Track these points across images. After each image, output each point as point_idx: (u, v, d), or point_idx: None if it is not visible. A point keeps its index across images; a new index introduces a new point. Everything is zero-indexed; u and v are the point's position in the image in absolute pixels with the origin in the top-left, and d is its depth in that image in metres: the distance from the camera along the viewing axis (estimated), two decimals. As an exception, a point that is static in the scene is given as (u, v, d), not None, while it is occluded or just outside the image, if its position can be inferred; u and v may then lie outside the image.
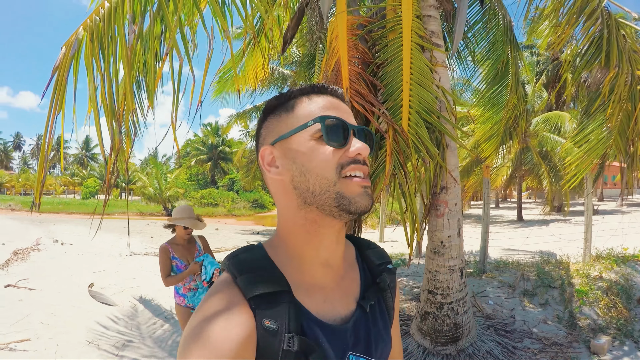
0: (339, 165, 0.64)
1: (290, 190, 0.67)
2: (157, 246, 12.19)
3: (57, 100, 2.17)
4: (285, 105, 0.70)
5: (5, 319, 4.80)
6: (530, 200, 36.48)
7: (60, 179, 57.00)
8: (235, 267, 0.65)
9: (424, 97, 2.76)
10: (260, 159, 0.70)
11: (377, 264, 0.80)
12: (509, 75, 4.73)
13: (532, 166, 15.30)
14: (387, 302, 0.80)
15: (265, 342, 0.59)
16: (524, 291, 4.58)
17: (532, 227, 12.60)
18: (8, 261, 8.48)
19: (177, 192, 28.74)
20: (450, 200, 3.13)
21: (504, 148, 6.30)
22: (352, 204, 0.63)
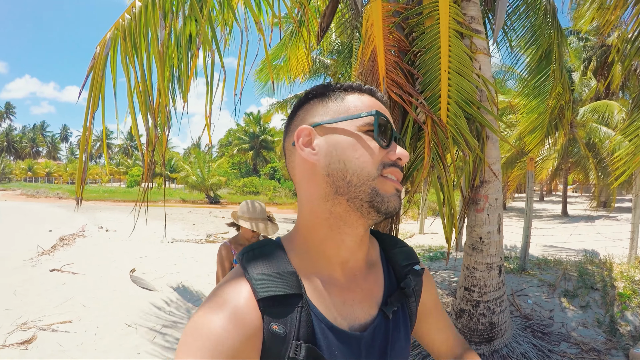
0: (381, 164, 0.63)
1: (320, 177, 0.64)
2: (199, 233, 12.67)
3: (93, 98, 2.24)
4: (333, 93, 0.68)
5: (49, 302, 5.10)
6: (576, 194, 34.78)
7: (106, 168, 59.89)
8: (248, 263, 0.63)
9: (464, 87, 2.63)
10: (295, 137, 0.66)
11: (402, 265, 0.76)
12: (554, 63, 4.46)
13: (578, 158, 14.50)
14: (410, 308, 0.75)
15: (271, 347, 0.57)
16: (564, 291, 4.36)
17: (577, 223, 12.00)
18: (54, 247, 9.02)
19: (220, 181, 29.32)
20: (491, 195, 2.99)
21: (549, 140, 5.98)
22: (384, 202, 0.62)
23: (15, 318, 4.47)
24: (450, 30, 2.64)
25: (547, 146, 10.32)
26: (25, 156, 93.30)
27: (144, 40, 2.23)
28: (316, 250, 0.66)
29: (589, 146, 14.01)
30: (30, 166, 68.01)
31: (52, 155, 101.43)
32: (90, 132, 2.15)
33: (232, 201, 29.24)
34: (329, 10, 3.54)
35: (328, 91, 0.69)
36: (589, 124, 13.46)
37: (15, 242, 9.48)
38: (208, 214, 19.26)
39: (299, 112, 0.70)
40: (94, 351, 3.74)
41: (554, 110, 4.87)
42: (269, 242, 0.68)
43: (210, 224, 14.98)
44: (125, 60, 2.20)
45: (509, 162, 13.78)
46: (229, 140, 49.14)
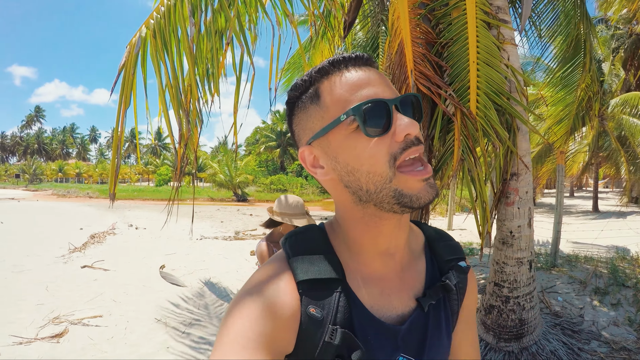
0: (391, 157, 0.55)
1: (341, 189, 0.61)
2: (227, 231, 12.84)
3: (125, 96, 2.29)
4: (308, 94, 0.60)
5: (80, 297, 5.28)
6: (607, 189, 33.59)
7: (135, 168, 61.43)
8: (291, 246, 0.63)
9: (493, 78, 2.57)
10: (301, 162, 0.63)
11: (446, 259, 0.71)
12: (582, 53, 4.31)
13: (609, 152, 13.97)
14: (452, 304, 0.71)
15: (307, 330, 0.56)
16: (595, 289, 4.23)
17: (608, 219, 11.59)
18: (85, 244, 9.32)
19: (247, 179, 29.71)
20: (521, 188, 2.92)
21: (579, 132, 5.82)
22: (415, 200, 0.55)
23: (47, 313, 4.65)
24: (477, 21, 2.59)
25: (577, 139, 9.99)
26: (56, 157, 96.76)
27: (174, 37, 2.28)
28: (355, 243, 0.64)
29: (620, 139, 13.49)
30: (60, 167, 70.51)
31: (81, 156, 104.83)
32: (122, 130, 2.21)
33: (260, 199, 29.59)
34: (354, 4, 3.52)
35: (302, 94, 0.61)
36: (620, 116, 12.95)
37: (47, 240, 9.84)
38: (236, 212, 19.54)
39: (293, 127, 0.64)
40: (124, 345, 3.85)
41: (582, 101, 4.71)
42: (313, 227, 0.67)
43: (238, 222, 15.19)
44: (155, 58, 2.25)
45: (539, 156, 13.42)
46: (256, 139, 49.63)
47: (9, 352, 3.64)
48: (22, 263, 7.20)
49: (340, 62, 0.58)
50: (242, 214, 18.25)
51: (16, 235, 10.61)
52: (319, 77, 0.59)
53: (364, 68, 0.59)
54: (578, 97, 4.66)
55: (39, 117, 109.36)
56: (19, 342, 3.82)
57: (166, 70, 2.21)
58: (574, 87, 4.70)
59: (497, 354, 3.07)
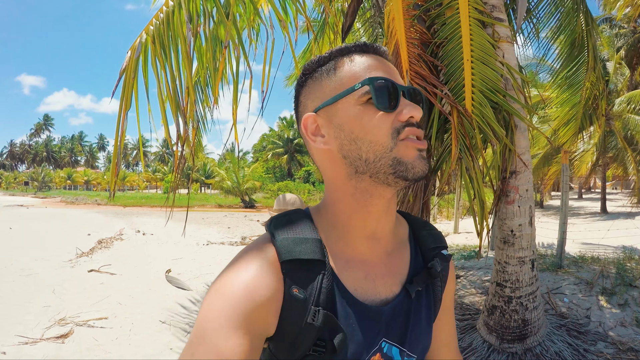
0: (395, 130, 0.59)
1: (338, 160, 0.62)
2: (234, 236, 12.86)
3: (125, 99, 2.34)
4: (325, 67, 0.64)
5: (86, 299, 5.34)
6: (616, 190, 33.17)
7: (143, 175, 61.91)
8: (275, 227, 0.63)
9: (488, 75, 2.58)
10: (303, 129, 0.65)
11: (430, 248, 0.73)
12: (585, 52, 4.29)
13: (617, 152, 13.81)
14: (436, 291, 0.73)
15: (289, 310, 0.57)
16: (602, 289, 4.18)
17: (616, 219, 11.45)
18: (93, 249, 9.41)
19: (254, 185, 29.84)
20: (521, 186, 2.91)
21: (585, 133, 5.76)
22: (409, 169, 0.58)
23: (53, 314, 4.70)
24: (470, 19, 2.60)
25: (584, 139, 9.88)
26: (65, 165, 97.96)
27: (172, 43, 2.32)
28: (342, 224, 0.65)
29: (627, 139, 13.34)
30: (69, 174, 71.34)
31: (90, 164, 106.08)
32: (123, 131, 2.25)
33: (267, 205, 29.57)
34: (352, 8, 3.54)
35: (319, 66, 0.64)
36: (626, 115, 12.81)
37: (55, 245, 9.95)
38: (243, 218, 19.62)
39: (300, 98, 0.67)
40: (128, 346, 3.88)
41: (588, 101, 4.68)
42: (298, 211, 0.68)
43: (245, 227, 15.25)
44: (155, 62, 2.29)
45: (545, 158, 13.29)
46: (263, 145, 49.77)
47: (14, 351, 3.69)
48: (30, 267, 7.29)
49: (361, 47, 0.63)
50: (249, 220, 18.32)
51: (25, 240, 10.74)
52: (339, 55, 0.63)
53: (380, 57, 0.64)
54: (584, 96, 4.62)
55: (47, 126, 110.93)
56: (25, 342, 3.88)
57: (164, 74, 2.25)
58: (579, 87, 4.66)
59: (500, 355, 3.04)
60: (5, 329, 4.22)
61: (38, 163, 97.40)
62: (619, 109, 12.84)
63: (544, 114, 10.42)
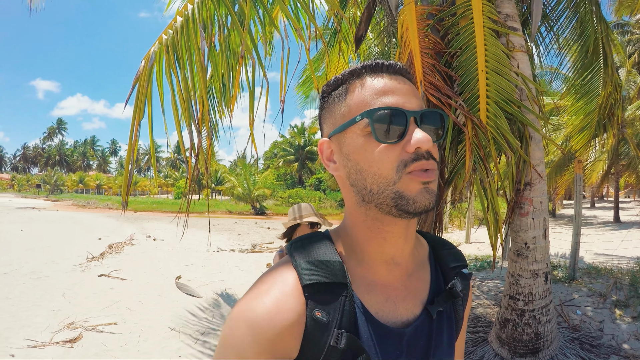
0: (401, 163, 0.57)
1: (348, 187, 0.63)
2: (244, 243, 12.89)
3: (139, 108, 2.35)
4: (337, 92, 0.63)
5: (96, 304, 5.37)
6: (629, 199, 32.63)
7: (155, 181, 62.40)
8: (296, 250, 0.63)
9: (502, 86, 2.55)
10: (319, 153, 0.66)
11: (451, 267, 0.73)
12: (601, 59, 4.23)
13: (629, 160, 13.58)
14: (457, 311, 0.72)
15: (312, 334, 0.56)
16: (615, 301, 4.09)
17: (629, 229, 11.24)
18: (103, 254, 9.49)
19: (265, 192, 29.99)
20: (535, 198, 2.87)
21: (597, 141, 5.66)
22: (411, 204, 0.56)
23: (62, 318, 4.74)
24: (485, 29, 2.58)
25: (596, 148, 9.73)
26: (77, 169, 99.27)
27: (186, 52, 2.34)
28: (360, 249, 0.65)
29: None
30: (81, 178, 72.17)
31: (102, 168, 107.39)
32: (136, 140, 2.27)
33: (278, 212, 29.68)
34: (365, 17, 3.55)
35: (333, 90, 0.64)
36: (638, 123, 12.60)
37: (66, 249, 10.05)
38: (254, 225, 19.68)
39: (321, 121, 0.68)
40: (137, 352, 3.88)
41: (603, 109, 4.61)
42: (317, 233, 0.68)
43: (256, 234, 15.29)
44: (169, 72, 2.31)
45: (558, 167, 13.11)
46: (274, 153, 49.84)
47: (23, 354, 3.72)
48: (41, 270, 7.37)
49: (373, 67, 0.61)
50: (259, 227, 18.36)
51: (36, 243, 10.87)
52: (350, 78, 0.62)
53: (395, 77, 0.61)
54: (599, 104, 4.56)
55: (60, 130, 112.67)
56: (34, 346, 3.91)
57: (178, 84, 2.27)
58: (594, 95, 4.60)
59: (512, 369, 2.99)
60: (15, 332, 4.27)
61: (51, 166, 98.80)
62: (631, 115, 12.63)
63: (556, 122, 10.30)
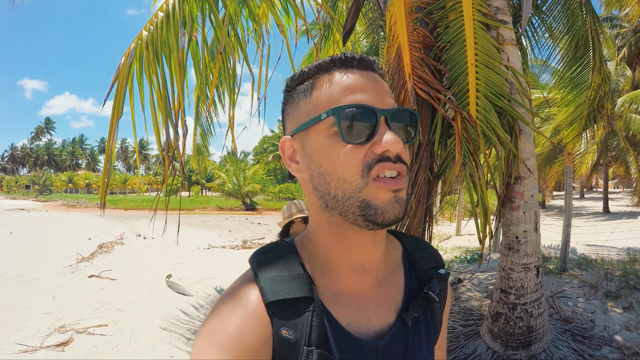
0: (366, 166, 0.52)
1: (311, 190, 0.58)
2: (235, 240, 12.86)
3: (117, 107, 2.29)
4: (302, 86, 0.58)
5: (87, 306, 5.31)
6: (618, 189, 33.12)
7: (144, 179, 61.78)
8: (258, 265, 0.59)
9: (492, 80, 2.53)
10: (280, 152, 0.61)
11: (426, 269, 0.69)
12: (590, 52, 4.24)
13: (618, 152, 13.77)
14: (435, 315, 0.68)
15: (281, 354, 0.53)
16: (606, 292, 4.12)
17: (619, 220, 11.39)
18: (93, 254, 9.39)
19: (255, 188, 29.85)
20: (526, 192, 2.86)
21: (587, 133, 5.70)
22: (379, 214, 0.52)
23: (53, 321, 4.68)
24: (475, 22, 2.55)
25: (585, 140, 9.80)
26: (66, 168, 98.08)
27: (166, 48, 2.27)
28: (326, 256, 0.60)
29: (629, 138, 13.29)
30: (70, 178, 71.33)
31: (91, 167, 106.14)
32: (114, 139, 2.21)
33: (268, 207, 29.64)
34: (353, 10, 3.49)
35: (298, 84, 0.59)
36: (628, 115, 12.75)
37: (55, 250, 9.93)
38: (244, 221, 19.62)
39: (284, 117, 0.62)
40: (128, 354, 3.84)
41: (592, 102, 4.63)
42: (282, 243, 0.64)
43: (247, 230, 15.23)
44: (147, 69, 2.25)
45: (547, 158, 13.24)
46: (264, 147, 49.75)
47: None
48: (31, 272, 7.27)
49: (342, 61, 0.56)
50: (250, 223, 18.30)
51: (25, 245, 10.72)
52: (317, 72, 0.57)
53: (365, 73, 0.56)
54: (589, 97, 4.58)
55: (49, 129, 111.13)
56: (25, 350, 3.85)
57: (157, 81, 2.21)
58: (584, 88, 4.62)
59: (505, 362, 3.00)
60: (5, 336, 4.20)
61: (39, 166, 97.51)
62: (620, 109, 12.78)
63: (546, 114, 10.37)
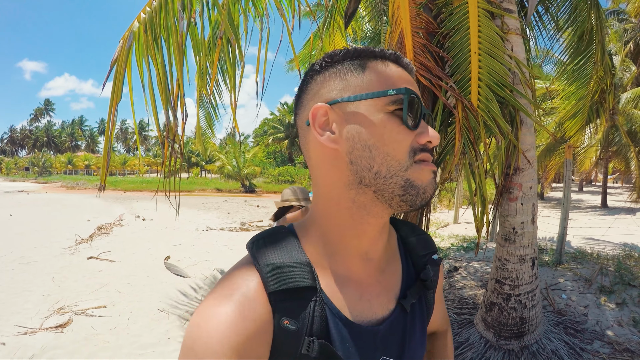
0: (412, 150, 0.55)
1: (342, 164, 0.56)
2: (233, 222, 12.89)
3: (117, 91, 2.27)
4: (352, 63, 0.58)
5: (85, 287, 5.35)
6: (617, 185, 33.13)
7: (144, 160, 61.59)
8: (259, 251, 0.58)
9: (495, 69, 2.50)
10: (310, 117, 0.57)
11: (421, 255, 0.71)
12: (594, 45, 4.19)
13: (619, 147, 13.72)
14: (429, 299, 0.71)
15: (281, 343, 0.53)
16: (600, 287, 4.15)
17: (617, 215, 11.43)
18: (92, 235, 9.41)
19: (255, 170, 29.87)
20: (525, 183, 2.85)
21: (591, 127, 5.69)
22: (420, 194, 0.54)
23: (52, 303, 4.71)
24: (479, 10, 2.50)
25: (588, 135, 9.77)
26: (65, 150, 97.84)
27: (165, 32, 2.24)
28: (334, 242, 0.60)
29: (631, 134, 13.24)
30: (69, 159, 71.16)
31: (90, 149, 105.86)
32: (114, 123, 2.19)
33: (268, 190, 29.65)
34: (355, -5, 3.44)
35: (346, 59, 0.58)
36: (631, 111, 12.69)
37: (55, 231, 9.96)
38: (243, 203, 19.64)
39: (311, 85, 0.60)
40: (126, 335, 3.88)
41: (594, 95, 4.61)
42: (281, 229, 0.63)
43: (245, 213, 15.25)
44: (146, 53, 2.22)
45: (548, 150, 13.21)
46: (264, 130, 49.58)
47: (14, 342, 3.69)
48: (30, 255, 7.29)
49: (395, 57, 0.59)
50: (249, 205, 18.33)
51: (24, 227, 10.75)
52: (370, 56, 0.58)
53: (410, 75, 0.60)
54: (591, 90, 4.55)
55: (48, 110, 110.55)
56: (24, 332, 3.88)
57: (156, 65, 2.18)
58: (587, 80, 4.59)
59: (497, 352, 3.03)
60: (5, 319, 4.23)
61: (38, 148, 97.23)
62: (624, 105, 12.70)
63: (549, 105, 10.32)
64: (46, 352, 3.50)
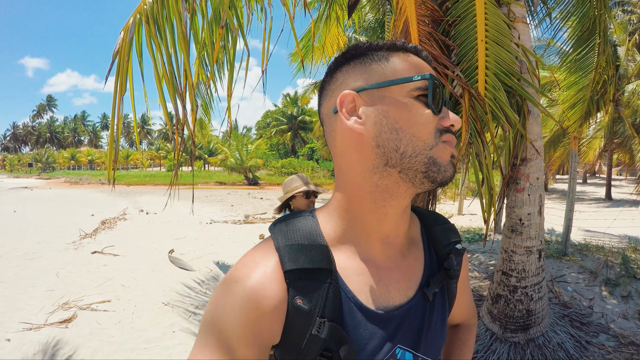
0: (437, 131, 0.58)
1: (368, 148, 0.58)
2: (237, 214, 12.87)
3: (120, 83, 2.24)
4: (375, 54, 0.61)
5: (90, 282, 5.35)
6: (621, 177, 32.96)
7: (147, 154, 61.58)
8: (279, 232, 0.61)
9: (502, 57, 2.45)
10: (338, 104, 0.60)
11: (445, 244, 0.71)
12: (596, 35, 4.13)
13: (624, 139, 13.61)
14: (451, 289, 0.71)
15: (294, 321, 0.55)
16: (605, 280, 4.13)
17: (621, 207, 11.36)
18: (96, 230, 9.42)
19: (257, 162, 29.80)
20: (532, 174, 2.82)
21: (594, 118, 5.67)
22: (441, 172, 0.57)
23: (57, 298, 4.71)
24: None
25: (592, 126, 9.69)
26: (68, 145, 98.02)
27: (168, 23, 2.21)
28: (356, 226, 0.62)
29: (635, 126, 13.12)
30: (72, 155, 71.22)
31: (93, 144, 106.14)
32: (120, 116, 2.17)
33: (271, 182, 29.60)
34: (358, -16, 3.38)
35: (370, 51, 0.62)
36: (636, 103, 12.56)
37: (59, 227, 9.96)
38: (246, 195, 19.61)
39: (337, 75, 0.63)
40: (131, 329, 3.88)
41: (595, 85, 4.56)
42: (302, 213, 0.65)
43: (249, 205, 15.23)
44: (150, 44, 2.19)
45: (552, 141, 13.13)
46: (267, 122, 49.41)
47: (19, 337, 3.69)
48: (34, 250, 7.30)
49: (415, 49, 0.63)
50: (252, 198, 18.31)
51: (29, 223, 10.76)
52: (392, 48, 0.62)
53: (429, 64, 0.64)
54: (593, 80, 4.51)
55: (50, 106, 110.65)
56: (29, 328, 3.88)
57: (160, 56, 2.16)
58: (589, 70, 4.54)
59: (502, 344, 3.01)
60: (10, 315, 4.23)
61: (41, 144, 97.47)
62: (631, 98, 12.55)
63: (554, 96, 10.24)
64: (51, 348, 3.50)
